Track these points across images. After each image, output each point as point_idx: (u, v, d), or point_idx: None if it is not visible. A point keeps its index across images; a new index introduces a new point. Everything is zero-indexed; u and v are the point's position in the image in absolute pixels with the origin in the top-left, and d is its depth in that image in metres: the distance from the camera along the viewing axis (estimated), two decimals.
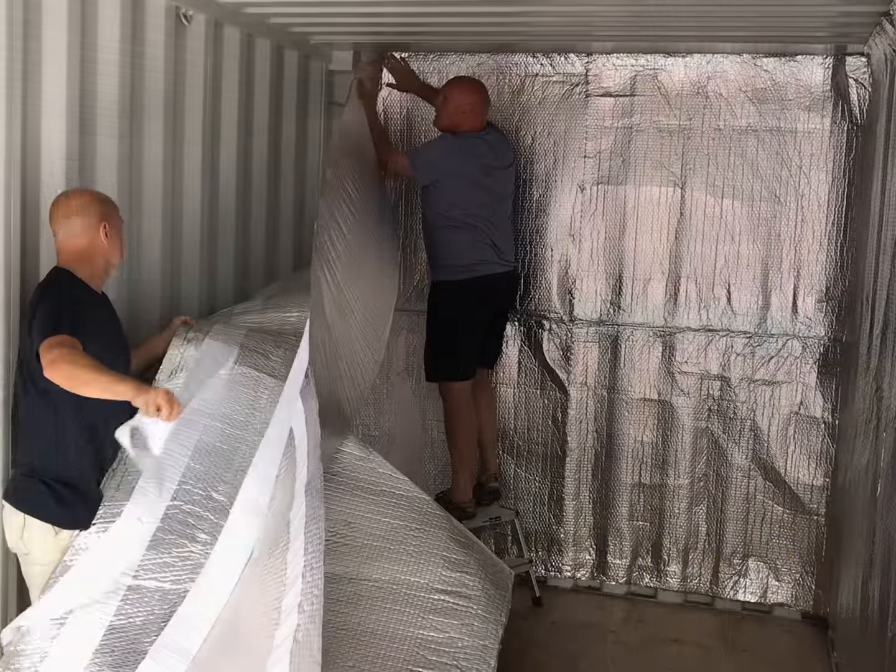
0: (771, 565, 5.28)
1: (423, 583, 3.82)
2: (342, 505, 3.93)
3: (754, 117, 5.12)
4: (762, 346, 5.21)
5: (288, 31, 4.94)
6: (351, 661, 3.50)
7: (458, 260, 5.01)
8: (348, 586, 3.72)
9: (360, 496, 3.99)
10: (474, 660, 3.71)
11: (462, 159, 4.96)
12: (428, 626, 3.70)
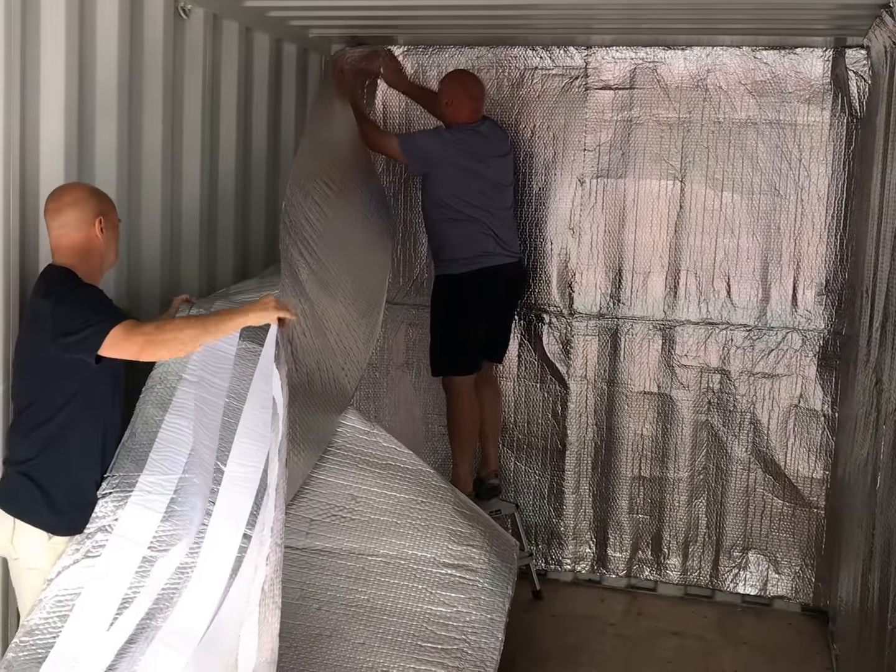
0: (771, 558, 5.29)
1: (429, 557, 3.86)
2: (347, 479, 3.96)
3: (754, 110, 5.12)
4: (762, 339, 5.21)
5: (286, 24, 4.93)
6: (361, 638, 3.54)
7: (460, 253, 5.01)
8: (356, 562, 3.76)
9: (366, 470, 4.02)
10: (482, 633, 3.76)
11: (455, 149, 4.96)
12: (436, 600, 3.75)
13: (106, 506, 3.24)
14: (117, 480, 3.30)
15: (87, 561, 3.13)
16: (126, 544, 3.19)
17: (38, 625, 3.00)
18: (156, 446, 3.39)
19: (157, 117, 4.15)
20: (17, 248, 3.43)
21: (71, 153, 3.63)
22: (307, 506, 3.84)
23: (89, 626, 3.01)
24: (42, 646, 2.97)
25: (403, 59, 5.52)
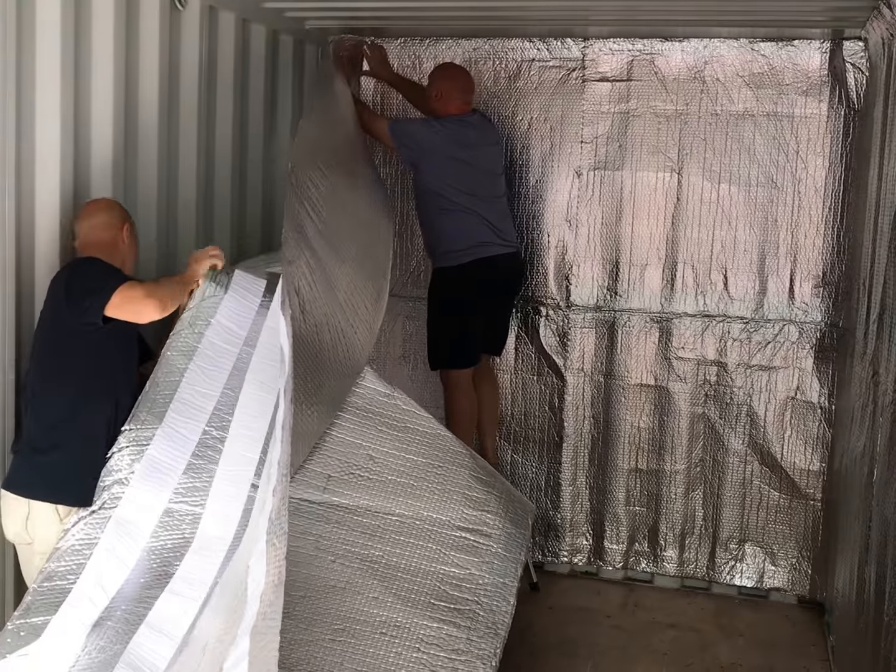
0: (767, 550, 5.29)
1: (444, 520, 3.89)
2: (365, 439, 3.98)
3: (751, 102, 5.11)
4: (759, 332, 5.21)
5: (282, 15, 4.92)
6: (374, 592, 3.56)
7: (456, 244, 5.00)
8: (372, 519, 3.79)
9: (384, 431, 4.05)
10: (494, 597, 3.80)
11: (445, 138, 4.95)
12: (449, 561, 3.79)
13: (122, 459, 3.25)
14: (134, 434, 3.31)
15: (103, 512, 3.16)
16: (144, 496, 3.19)
17: (56, 571, 3.03)
18: (177, 395, 3.41)
19: (154, 108, 4.15)
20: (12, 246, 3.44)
21: (67, 145, 3.63)
22: (325, 462, 3.85)
23: (105, 575, 3.03)
24: (59, 591, 3.00)
25: (400, 50, 5.51)
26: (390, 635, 3.47)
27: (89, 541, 3.11)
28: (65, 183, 3.63)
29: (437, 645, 3.51)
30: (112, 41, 3.82)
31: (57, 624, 2.91)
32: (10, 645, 2.86)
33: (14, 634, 2.88)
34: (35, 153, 3.53)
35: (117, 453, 3.27)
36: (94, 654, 2.85)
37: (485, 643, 3.63)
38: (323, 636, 3.38)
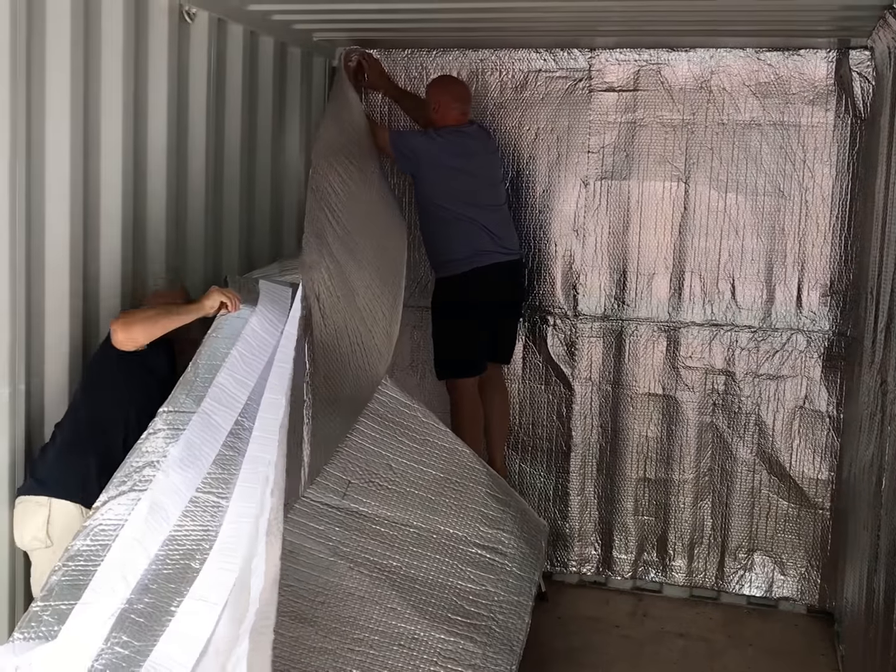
0: (776, 559, 5.28)
1: (461, 535, 3.92)
2: (386, 448, 4.00)
3: (758, 111, 5.12)
4: (767, 341, 5.21)
5: (291, 27, 4.95)
6: (393, 604, 3.58)
7: (457, 253, 5.02)
8: (390, 529, 3.80)
9: (404, 443, 4.07)
10: (510, 614, 3.83)
11: (443, 148, 4.99)
12: (465, 577, 3.82)
13: (157, 441, 3.23)
14: (171, 417, 3.29)
15: (133, 494, 3.12)
16: (175, 480, 3.18)
17: (81, 551, 2.99)
18: (216, 380, 3.40)
19: (163, 119, 4.17)
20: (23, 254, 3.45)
21: (77, 154, 3.65)
22: (345, 467, 3.86)
23: (131, 558, 3.00)
24: (83, 571, 2.96)
25: (407, 61, 5.54)
26: (408, 647, 3.48)
27: (117, 521, 3.06)
28: (75, 192, 3.65)
29: (455, 660, 3.53)
30: (121, 53, 3.85)
31: (80, 612, 2.89)
32: (35, 630, 2.81)
33: (38, 618, 2.84)
34: (45, 161, 3.54)
35: (152, 435, 3.23)
36: (116, 650, 2.83)
37: (501, 659, 3.64)
38: (343, 645, 3.38)
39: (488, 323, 5.11)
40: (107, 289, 3.91)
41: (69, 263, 3.66)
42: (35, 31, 3.43)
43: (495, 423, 5.30)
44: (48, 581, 2.94)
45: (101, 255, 3.88)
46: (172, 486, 3.18)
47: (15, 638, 2.79)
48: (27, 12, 3.36)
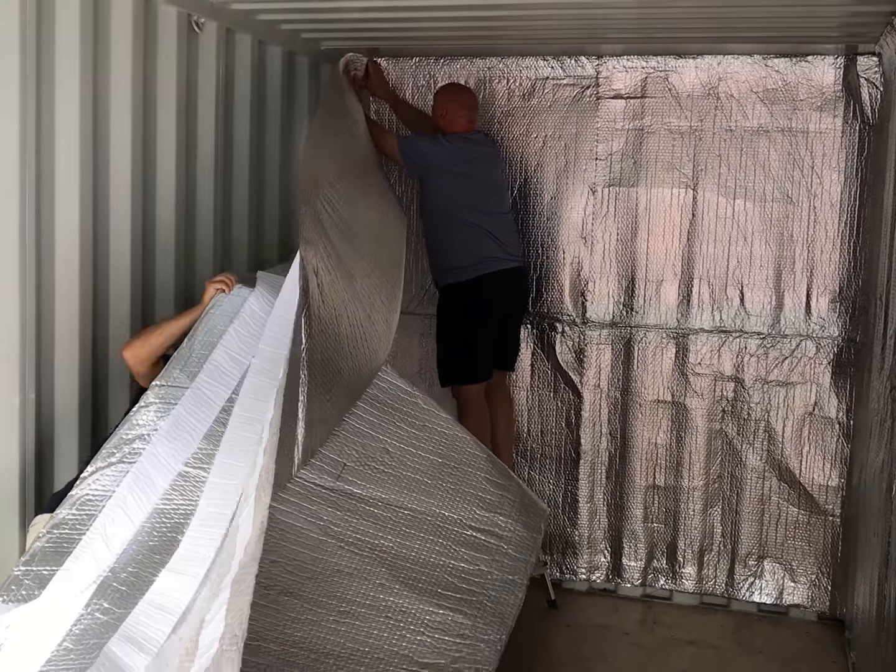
0: (786, 566, 5.27)
1: (456, 518, 3.91)
2: (383, 433, 3.98)
3: (766, 118, 5.12)
4: (776, 347, 5.20)
5: (298, 37, 4.97)
6: (381, 579, 3.55)
7: (463, 259, 5.03)
8: (383, 511, 3.77)
9: (403, 428, 4.04)
10: (503, 591, 3.81)
11: (451, 154, 5.01)
12: (459, 557, 3.79)
13: (148, 415, 3.24)
14: (164, 391, 3.30)
15: (122, 466, 3.14)
16: (164, 455, 3.19)
17: (66, 519, 3.01)
18: (212, 357, 3.41)
19: (171, 128, 4.19)
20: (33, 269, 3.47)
21: (86, 162, 3.67)
22: (340, 449, 3.83)
23: (111, 534, 3.01)
24: (66, 539, 2.98)
25: (415, 69, 5.56)
26: (395, 619, 3.47)
27: (104, 492, 3.08)
28: (84, 203, 3.68)
29: (443, 630, 3.52)
30: (130, 64, 3.87)
31: (61, 578, 2.87)
32: (15, 593, 2.83)
33: (18, 582, 2.85)
34: (55, 172, 3.56)
35: (144, 408, 3.25)
36: (96, 615, 2.83)
37: (491, 630, 3.63)
38: (328, 617, 3.37)
39: (493, 329, 5.11)
40: (116, 298, 3.93)
41: (79, 273, 3.68)
42: (44, 43, 3.45)
43: (501, 430, 5.30)
44: (31, 547, 2.93)
45: (111, 263, 3.90)
46: (161, 459, 3.18)
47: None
48: (37, 24, 3.39)
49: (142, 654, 2.74)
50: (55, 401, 3.65)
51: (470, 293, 5.03)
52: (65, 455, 3.70)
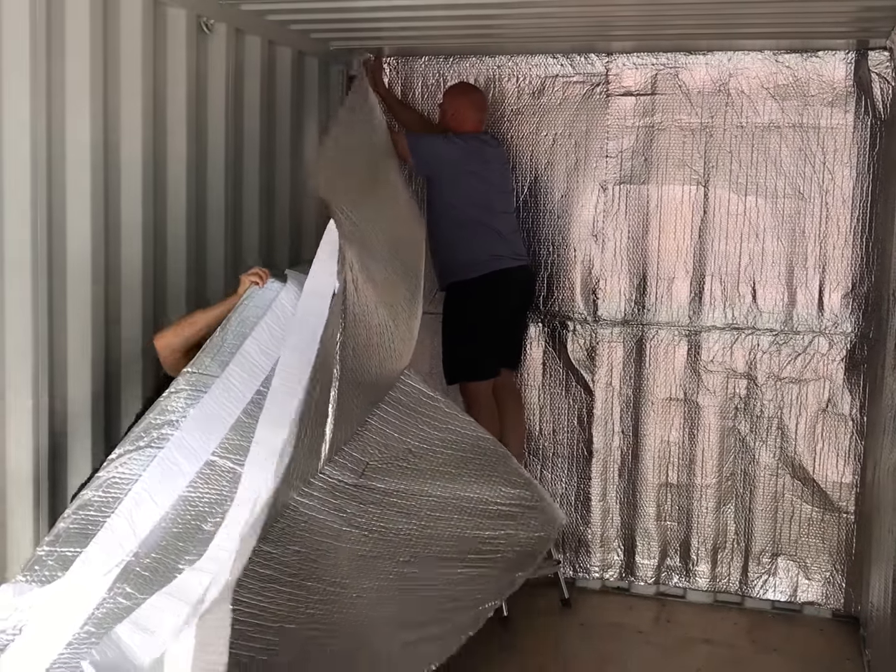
0: (801, 564, 5.25)
1: (483, 497, 3.90)
2: (406, 435, 3.98)
3: (777, 114, 5.10)
4: (788, 344, 5.18)
5: (308, 37, 4.97)
6: (406, 557, 3.53)
7: (469, 257, 5.04)
8: (408, 500, 3.75)
9: (425, 430, 4.05)
10: (527, 545, 3.84)
11: (460, 152, 5.03)
12: (485, 527, 3.81)
13: (178, 401, 3.23)
14: (195, 378, 3.29)
15: (150, 451, 3.14)
16: (192, 442, 3.19)
17: (92, 501, 3.01)
18: (243, 348, 3.39)
19: (182, 129, 4.20)
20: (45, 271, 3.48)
21: (97, 165, 3.68)
22: (363, 449, 3.81)
23: (137, 518, 3.01)
24: (91, 521, 2.98)
25: (424, 68, 5.55)
26: (418, 584, 3.47)
27: (130, 475, 3.07)
28: (95, 204, 3.69)
29: (466, 585, 3.52)
30: (140, 65, 3.88)
31: (85, 560, 2.87)
32: (38, 574, 2.82)
33: (42, 562, 2.84)
34: (66, 173, 3.57)
35: (174, 394, 3.24)
36: (119, 600, 2.82)
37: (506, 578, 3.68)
38: (350, 594, 3.34)
39: (499, 327, 5.12)
40: (128, 299, 3.94)
41: (91, 275, 3.69)
42: (55, 47, 3.46)
43: (510, 429, 5.29)
44: (56, 527, 2.92)
45: (122, 265, 3.91)
46: (189, 447, 3.18)
47: (17, 579, 2.80)
48: (46, 28, 3.39)
49: (143, 633, 2.73)
50: (68, 403, 3.66)
51: (476, 291, 5.04)
52: (78, 458, 3.71)
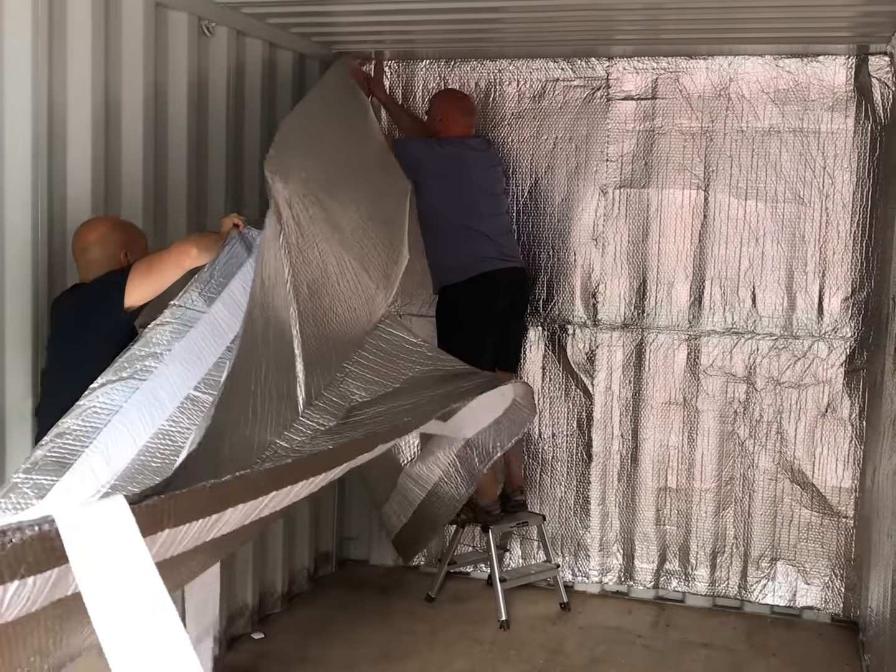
0: (800, 568, 5.25)
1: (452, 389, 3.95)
2: (388, 378, 3.95)
3: (777, 118, 5.10)
4: (788, 349, 5.18)
5: (309, 40, 4.98)
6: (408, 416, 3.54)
7: (459, 260, 5.07)
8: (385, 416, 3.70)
9: (407, 376, 4.03)
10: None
11: (441, 158, 5.04)
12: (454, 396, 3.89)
13: (163, 335, 3.20)
14: (181, 312, 3.25)
15: (132, 382, 3.11)
16: (175, 376, 3.16)
17: (71, 429, 2.98)
18: (229, 286, 3.35)
19: (183, 132, 4.21)
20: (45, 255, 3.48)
21: (98, 167, 3.68)
22: (342, 394, 3.77)
23: (117, 445, 2.99)
24: (69, 450, 2.95)
25: (426, 72, 5.56)
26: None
27: (111, 405, 3.04)
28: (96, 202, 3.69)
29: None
30: (141, 67, 3.89)
31: (60, 489, 2.85)
32: (13, 501, 2.79)
33: (17, 490, 2.81)
34: (66, 173, 3.58)
35: (160, 326, 3.19)
36: None
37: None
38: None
39: (493, 328, 5.13)
40: None
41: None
42: (56, 48, 3.47)
43: None
44: (33, 454, 2.89)
45: None
46: (171, 380, 3.15)
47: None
48: (48, 29, 3.41)
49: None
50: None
51: (465, 294, 5.07)
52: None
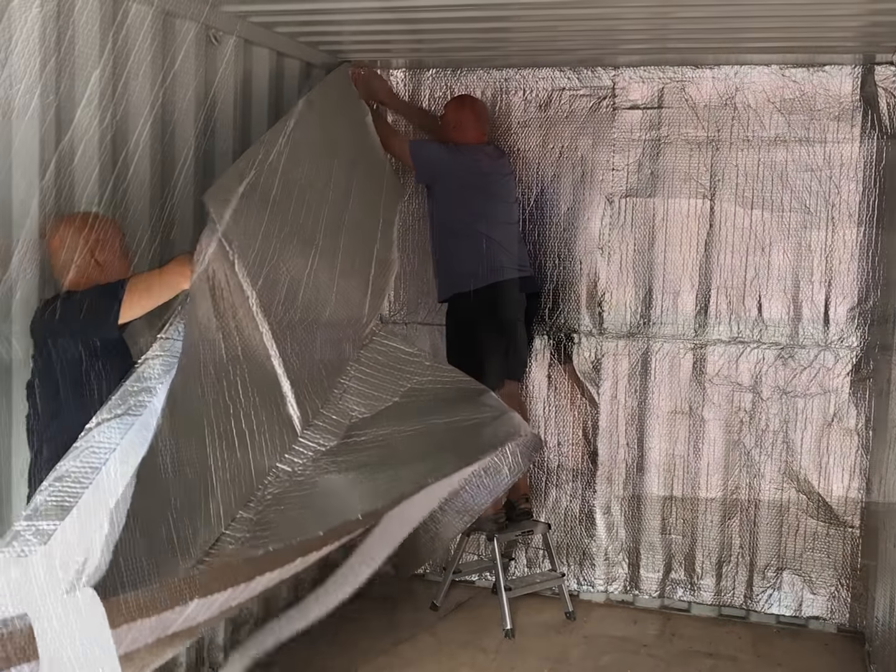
0: (806, 578, 5.23)
1: (463, 418, 3.98)
2: (387, 392, 3.98)
3: (783, 128, 5.11)
4: (794, 358, 5.18)
5: (316, 49, 4.99)
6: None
7: (474, 268, 5.05)
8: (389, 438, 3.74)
9: (405, 387, 4.07)
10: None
11: (461, 163, 5.06)
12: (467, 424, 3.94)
13: (154, 368, 3.16)
14: (168, 344, 3.21)
15: (128, 418, 3.07)
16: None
17: (70, 472, 2.93)
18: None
19: (190, 140, 4.20)
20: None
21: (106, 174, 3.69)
22: (342, 411, 3.80)
23: (119, 484, 2.95)
24: (69, 493, 2.90)
25: (432, 81, 5.57)
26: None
27: (108, 444, 3.01)
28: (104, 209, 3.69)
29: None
30: (149, 75, 3.89)
31: (61, 535, 2.80)
32: (16, 549, 2.70)
33: (20, 538, 2.74)
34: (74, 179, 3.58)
35: (150, 360, 3.16)
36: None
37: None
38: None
39: (501, 337, 5.14)
40: None
41: None
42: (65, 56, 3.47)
43: None
44: (33, 500, 2.85)
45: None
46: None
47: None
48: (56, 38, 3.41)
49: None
50: None
51: (476, 302, 5.06)
52: None
